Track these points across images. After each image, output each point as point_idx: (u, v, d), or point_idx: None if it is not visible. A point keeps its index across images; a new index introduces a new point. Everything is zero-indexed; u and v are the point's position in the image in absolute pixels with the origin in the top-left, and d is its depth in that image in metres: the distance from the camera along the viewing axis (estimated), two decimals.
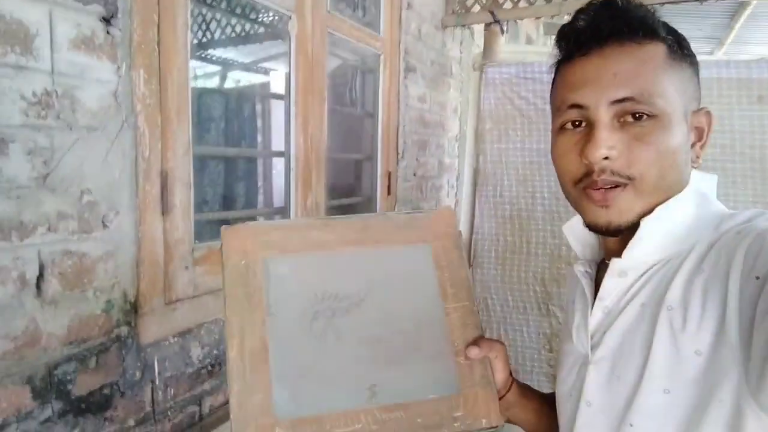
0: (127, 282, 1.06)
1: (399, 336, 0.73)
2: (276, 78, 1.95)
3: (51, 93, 0.91)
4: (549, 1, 2.31)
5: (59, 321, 0.95)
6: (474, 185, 2.54)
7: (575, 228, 0.72)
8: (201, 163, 1.70)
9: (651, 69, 0.59)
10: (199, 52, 1.95)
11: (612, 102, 0.59)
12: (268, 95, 2.08)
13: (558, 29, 0.66)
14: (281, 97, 1.63)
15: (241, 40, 2.07)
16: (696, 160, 0.63)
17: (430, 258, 0.77)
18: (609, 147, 0.58)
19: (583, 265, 0.72)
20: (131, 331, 1.07)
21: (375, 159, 2.08)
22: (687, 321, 0.55)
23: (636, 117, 0.58)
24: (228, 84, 2.08)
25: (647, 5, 0.63)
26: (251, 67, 2.17)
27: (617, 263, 0.64)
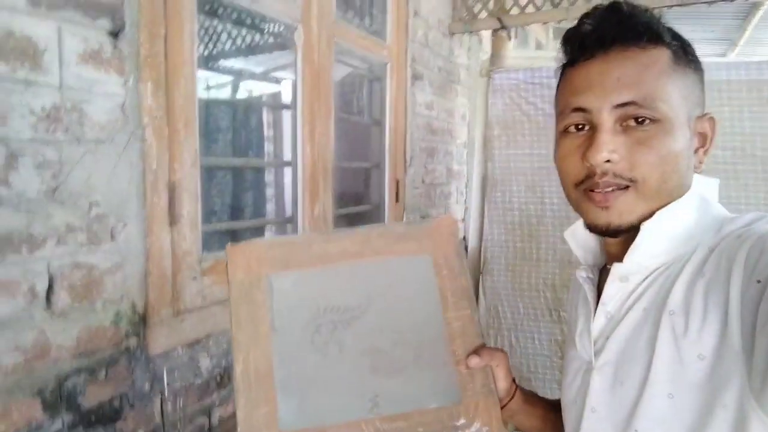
0: (136, 293, 1.07)
1: (400, 346, 0.74)
2: (283, 87, 1.97)
3: (60, 107, 0.92)
4: (556, 6, 2.31)
5: (69, 333, 0.95)
6: (483, 192, 2.53)
7: (577, 233, 0.73)
8: (209, 174, 1.71)
9: (654, 74, 0.59)
10: (207, 62, 1.96)
11: (615, 106, 0.59)
12: (275, 105, 2.10)
13: (564, 33, 0.66)
14: (288, 107, 1.64)
15: (248, 50, 2.09)
16: (699, 165, 0.64)
17: (430, 267, 0.77)
18: (611, 150, 0.59)
19: (585, 271, 0.73)
20: (140, 343, 1.08)
21: (383, 167, 2.08)
22: (689, 325, 0.55)
23: (638, 121, 0.59)
24: (235, 94, 2.09)
25: (652, 10, 0.62)
26: (258, 77, 2.18)
27: (619, 268, 0.64)
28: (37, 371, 0.91)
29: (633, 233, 0.61)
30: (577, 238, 0.73)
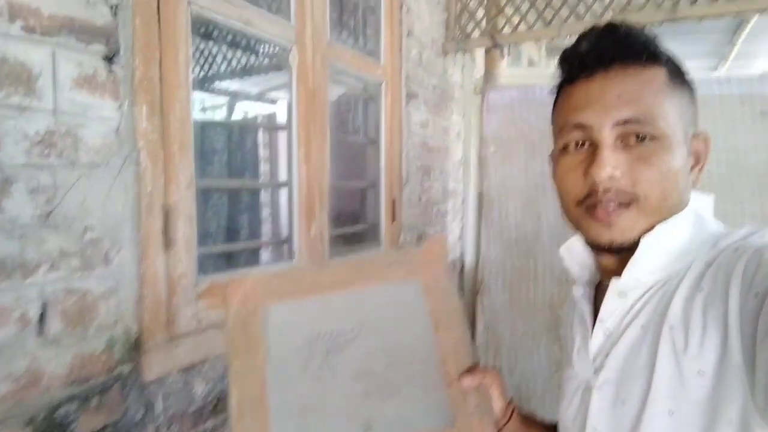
0: (130, 318, 1.06)
1: (392, 369, 0.74)
2: (278, 109, 1.97)
3: (54, 132, 0.92)
4: (548, 24, 2.33)
5: (61, 360, 0.94)
6: (479, 210, 2.54)
7: (572, 249, 0.73)
8: (204, 196, 1.71)
9: (653, 92, 0.60)
10: (202, 84, 1.97)
11: (616, 123, 0.60)
12: (270, 126, 2.10)
13: (561, 52, 0.67)
14: (283, 128, 1.64)
15: (243, 72, 2.10)
16: (695, 183, 0.64)
17: (420, 291, 0.78)
18: (614, 166, 0.59)
19: (581, 288, 0.72)
20: (134, 369, 1.06)
21: (379, 186, 2.08)
22: (689, 341, 0.55)
23: (639, 138, 0.59)
24: (231, 116, 2.10)
25: (644, 26, 0.63)
26: (253, 99, 2.19)
27: (617, 283, 0.64)
28: (29, 400, 0.89)
29: (631, 250, 0.61)
30: (573, 254, 0.73)
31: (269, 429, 0.70)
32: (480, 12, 2.56)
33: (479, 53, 2.77)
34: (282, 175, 1.64)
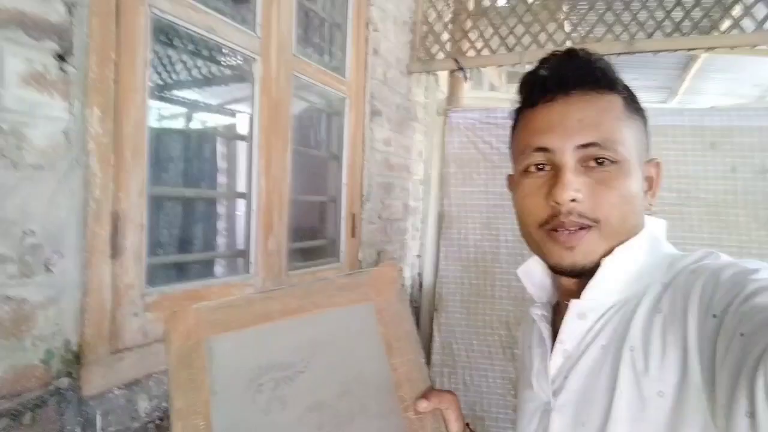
0: (70, 330, 1.00)
1: (346, 398, 0.71)
2: (239, 120, 1.94)
3: None
4: (511, 50, 2.39)
5: None
6: (439, 228, 2.55)
7: (530, 271, 0.73)
8: (157, 205, 1.65)
9: (612, 118, 0.61)
10: (160, 91, 1.92)
11: (577, 147, 0.61)
12: (230, 136, 2.06)
13: (521, 77, 0.68)
14: (244, 138, 1.61)
15: (205, 81, 2.06)
16: (648, 207, 0.66)
17: (373, 315, 0.75)
18: (576, 190, 0.60)
19: (540, 308, 0.72)
20: (72, 383, 1.00)
21: (339, 201, 2.07)
22: (649, 362, 0.55)
23: (599, 162, 0.60)
24: (189, 125, 2.05)
25: (605, 58, 0.65)
26: (214, 108, 2.15)
27: (577, 305, 0.64)
28: None
29: (591, 272, 0.62)
30: (531, 275, 0.73)
31: None
32: (445, 35, 2.61)
33: (443, 75, 2.81)
34: (241, 186, 1.60)
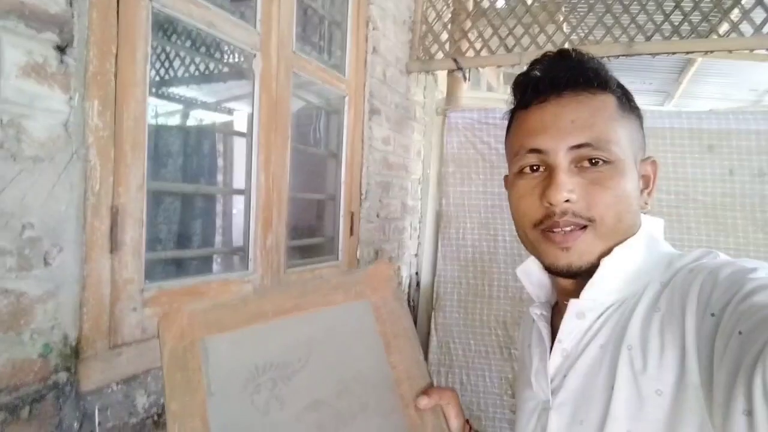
0: (69, 324, 0.99)
1: (345, 397, 0.71)
2: (238, 116, 1.93)
3: None
4: (510, 51, 2.39)
5: None
6: (437, 228, 2.55)
7: (530, 271, 0.73)
8: (156, 200, 1.64)
9: (605, 118, 0.61)
10: (160, 86, 1.91)
11: (570, 147, 0.61)
12: (229, 133, 2.05)
13: (515, 78, 0.68)
14: (243, 135, 1.61)
15: (204, 77, 2.05)
16: (644, 206, 0.66)
17: (370, 313, 0.75)
18: (569, 190, 0.60)
19: (539, 308, 0.72)
20: (70, 378, 0.99)
21: (338, 199, 2.06)
22: (647, 360, 0.55)
23: (593, 162, 0.61)
24: (189, 121, 2.04)
25: (600, 58, 0.65)
26: (214, 104, 2.14)
27: (575, 304, 0.64)
28: None
29: (588, 272, 0.62)
30: (530, 275, 0.74)
31: None
32: (444, 35, 2.61)
33: (442, 75, 2.81)
34: (239, 183, 1.59)
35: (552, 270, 0.65)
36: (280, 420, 0.68)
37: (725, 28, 2.16)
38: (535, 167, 0.64)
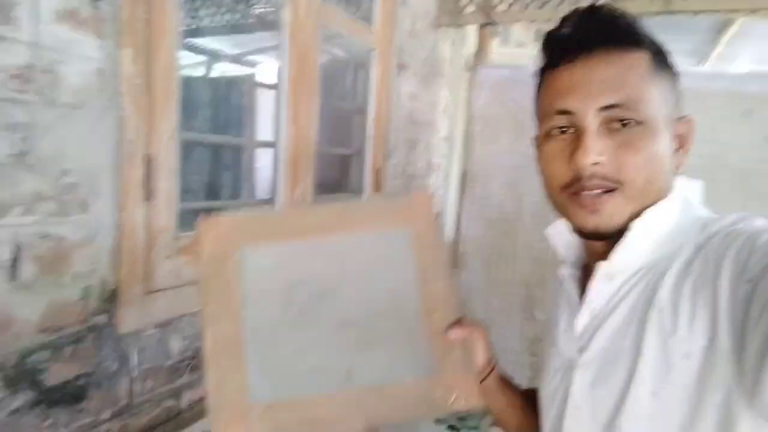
0: (106, 269, 1.02)
1: (376, 319, 0.72)
2: (266, 68, 1.92)
3: (32, 66, 0.87)
4: (543, 6, 2.31)
5: (34, 307, 0.90)
6: (462, 186, 2.53)
7: (560, 231, 0.72)
8: (187, 150, 1.65)
9: (637, 76, 0.59)
10: (190, 36, 1.90)
11: (600, 108, 0.59)
12: (258, 85, 2.04)
13: (544, 35, 0.66)
14: (272, 87, 1.60)
15: (233, 29, 2.03)
16: (678, 167, 0.64)
17: (407, 241, 0.75)
18: (598, 153, 0.59)
19: (569, 268, 0.72)
20: (109, 320, 1.03)
21: (364, 155, 2.05)
22: (677, 323, 0.55)
23: (623, 123, 0.59)
24: (217, 72, 2.03)
25: (636, 15, 0.63)
26: (242, 56, 2.13)
27: (605, 266, 0.63)
28: None
29: (617, 234, 0.61)
30: (560, 235, 0.73)
31: (246, 373, 0.67)
32: None
33: (471, 29, 2.73)
34: (267, 136, 1.59)
35: (580, 232, 0.64)
36: (310, 336, 0.70)
37: None
38: (564, 129, 0.62)
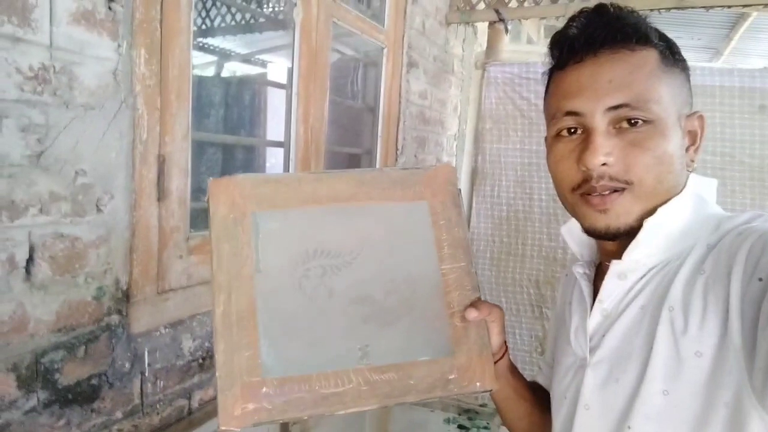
0: (120, 269, 1.03)
1: (393, 296, 0.70)
2: (278, 67, 1.91)
3: (48, 68, 0.87)
4: (554, 2, 2.29)
5: (48, 307, 0.91)
6: (471, 185, 2.52)
7: (573, 230, 0.72)
8: (199, 150, 1.66)
9: (645, 75, 0.59)
10: (202, 35, 1.90)
11: (607, 109, 0.59)
12: (269, 84, 2.05)
13: (552, 36, 0.66)
14: (282, 86, 1.60)
15: (245, 28, 2.02)
16: (690, 163, 0.64)
17: (427, 216, 0.73)
18: (606, 153, 0.58)
19: (582, 267, 0.72)
20: (122, 320, 1.04)
21: (374, 154, 2.05)
22: (688, 322, 0.55)
23: (631, 123, 0.59)
24: (228, 71, 2.03)
25: (649, 11, 0.62)
26: (254, 55, 2.13)
27: (617, 265, 0.64)
28: (13, 345, 0.86)
29: (628, 234, 0.61)
30: (573, 234, 0.73)
31: (258, 346, 0.64)
32: None
33: (481, 27, 2.71)
34: (279, 135, 1.59)
35: (591, 232, 0.64)
36: (326, 308, 0.68)
37: None
38: (573, 130, 0.62)
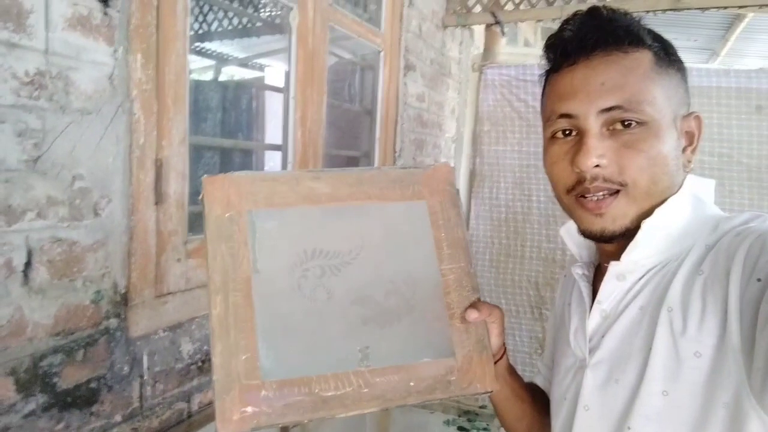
0: (118, 272, 1.03)
1: (393, 297, 0.69)
2: (275, 71, 1.92)
3: (44, 73, 0.88)
4: (551, 4, 2.30)
5: (46, 311, 0.91)
6: (470, 187, 2.52)
7: (572, 231, 0.72)
8: (196, 154, 1.67)
9: (638, 77, 0.59)
10: (199, 40, 1.91)
11: (600, 111, 0.59)
12: (266, 88, 2.06)
13: (546, 38, 0.66)
14: (279, 90, 1.61)
15: (241, 32, 2.04)
16: (687, 164, 0.64)
17: (426, 215, 0.73)
18: (599, 155, 0.59)
19: (581, 268, 0.72)
20: (120, 324, 1.04)
21: (372, 157, 2.06)
22: (687, 322, 0.55)
23: (625, 124, 0.59)
24: (226, 75, 2.04)
25: (644, 13, 0.62)
26: (251, 59, 2.14)
27: (616, 267, 0.64)
28: (12, 349, 0.87)
29: (625, 235, 0.61)
30: (572, 235, 0.73)
31: (256, 348, 0.63)
32: None
33: (478, 29, 2.73)
34: (276, 138, 1.60)
35: (587, 235, 0.64)
36: (325, 310, 0.67)
37: None
38: (567, 132, 0.63)
